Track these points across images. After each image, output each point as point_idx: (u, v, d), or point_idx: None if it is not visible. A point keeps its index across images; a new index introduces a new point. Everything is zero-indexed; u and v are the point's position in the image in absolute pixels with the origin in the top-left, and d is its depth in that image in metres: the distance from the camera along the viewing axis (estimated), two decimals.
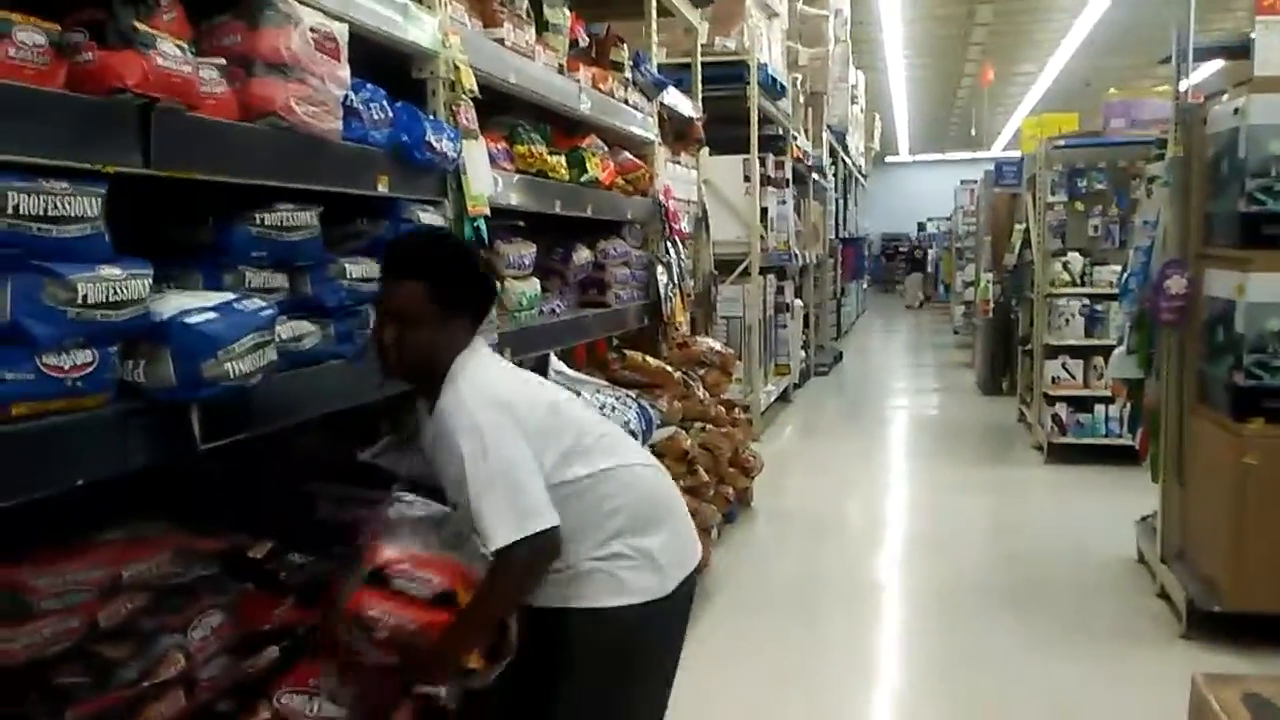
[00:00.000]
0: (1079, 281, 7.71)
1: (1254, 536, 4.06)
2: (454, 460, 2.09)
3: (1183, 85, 4.71)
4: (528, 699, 2.27)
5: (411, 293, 2.13)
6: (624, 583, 2.18)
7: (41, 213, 1.44)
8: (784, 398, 10.09)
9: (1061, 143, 8.07)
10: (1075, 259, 7.77)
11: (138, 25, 1.63)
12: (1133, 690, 3.88)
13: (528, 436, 2.13)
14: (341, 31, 2.18)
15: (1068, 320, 7.64)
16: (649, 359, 4.84)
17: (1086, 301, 7.62)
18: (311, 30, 2.07)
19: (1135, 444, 5.32)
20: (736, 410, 6.01)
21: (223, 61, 1.89)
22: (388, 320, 2.15)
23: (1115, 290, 6.44)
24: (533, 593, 2.16)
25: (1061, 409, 7.56)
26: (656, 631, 2.26)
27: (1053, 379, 7.67)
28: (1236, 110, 4.17)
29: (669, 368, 4.94)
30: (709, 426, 5.34)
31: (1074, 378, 7.62)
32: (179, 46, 1.70)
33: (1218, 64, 5.88)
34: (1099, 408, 7.42)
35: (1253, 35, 4.49)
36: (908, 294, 25.88)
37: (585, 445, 2.23)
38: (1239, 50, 4.91)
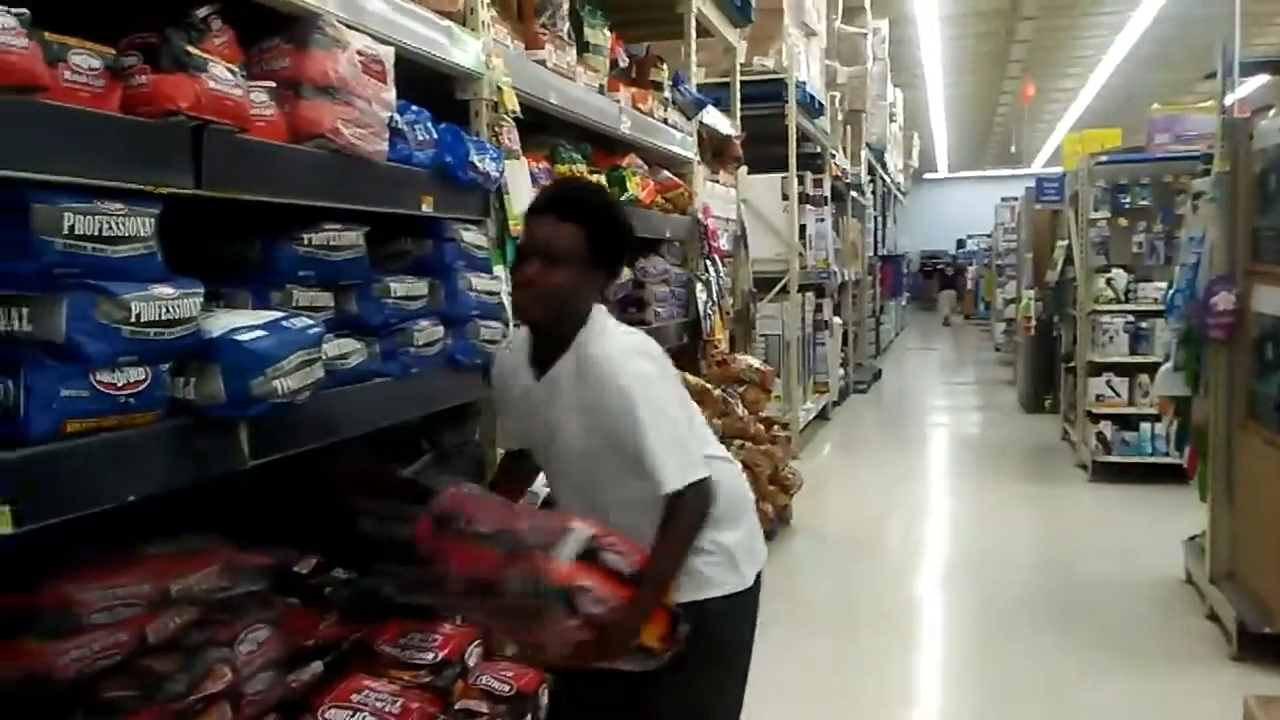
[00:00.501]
0: (1123, 298, 7.62)
1: None
2: (606, 405, 2.10)
3: (1228, 100, 4.66)
4: (619, 695, 2.26)
5: (570, 235, 2.12)
6: (708, 578, 2.21)
7: (97, 233, 1.47)
8: (823, 415, 10.04)
9: (1104, 158, 7.99)
10: (1119, 275, 7.68)
11: (190, 49, 1.66)
12: (1182, 712, 3.82)
13: None
14: (388, 55, 2.21)
15: (1112, 337, 7.55)
16: (688, 376, 4.84)
17: (1131, 318, 7.53)
18: (359, 54, 2.10)
19: (1183, 462, 5.24)
20: (775, 428, 5.99)
21: (272, 84, 1.92)
22: (535, 257, 2.12)
23: (1160, 307, 6.36)
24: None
25: (1106, 427, 7.46)
26: (737, 624, 2.30)
27: (1097, 397, 7.56)
28: None
29: (708, 385, 4.94)
30: (748, 444, 5.33)
31: (1119, 395, 7.52)
32: (230, 70, 1.73)
33: (1260, 80, 5.82)
34: (1145, 426, 7.32)
35: None
36: (940, 311, 26.28)
37: (690, 427, 2.25)
38: None
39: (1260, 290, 4.32)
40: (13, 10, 1.35)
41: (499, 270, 2.75)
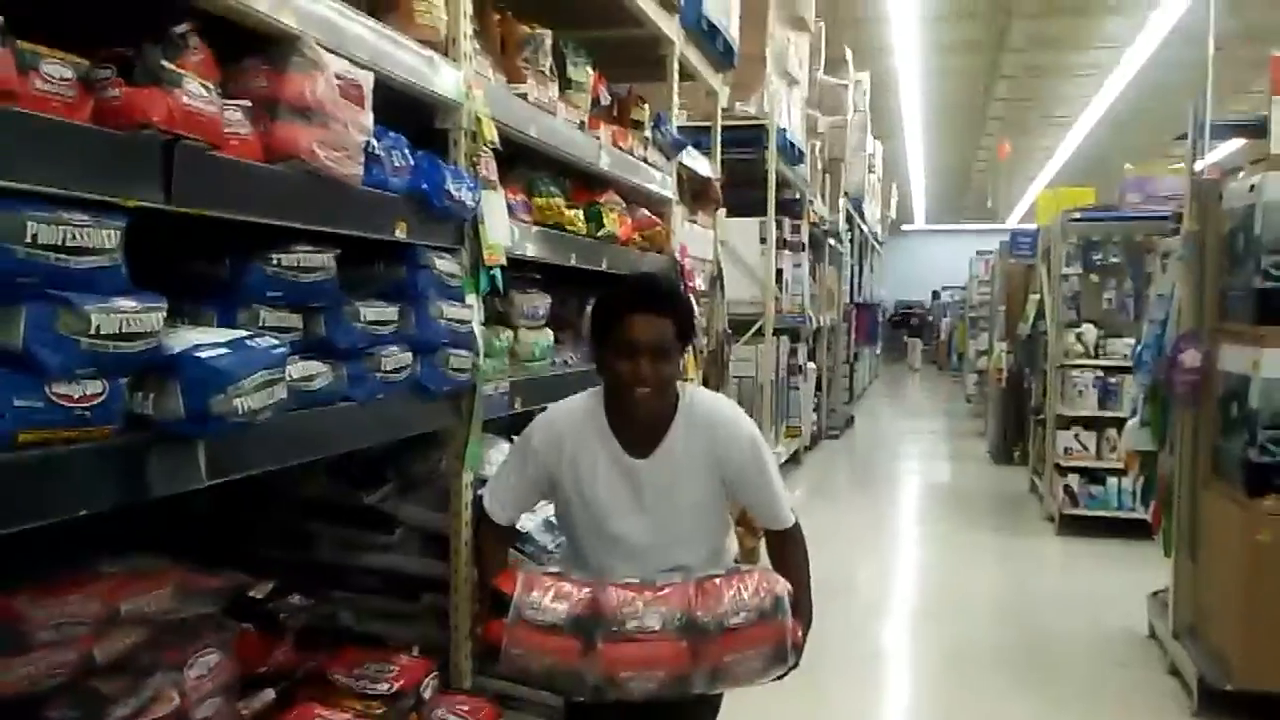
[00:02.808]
0: (1093, 353, 7.70)
1: (1266, 614, 4.00)
2: (737, 457, 2.45)
3: (1198, 163, 4.74)
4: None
5: (667, 327, 2.38)
6: None
7: (60, 243, 1.45)
8: (794, 460, 10.04)
9: (1078, 215, 8.10)
10: (1089, 330, 7.77)
11: (165, 64, 1.65)
12: None
13: None
14: (366, 80, 2.21)
15: (1081, 392, 7.62)
16: None
17: (1100, 373, 7.61)
18: (337, 77, 2.09)
19: (1148, 517, 5.27)
20: None
21: (248, 103, 1.92)
22: (646, 355, 2.34)
23: (1129, 362, 6.43)
24: None
25: (1074, 480, 7.51)
26: None
27: (1065, 450, 7.62)
28: (1252, 187, 4.19)
29: None
30: None
31: (1087, 449, 7.58)
32: (205, 86, 1.72)
33: (1234, 145, 5.91)
34: (1112, 480, 7.37)
35: (1267, 114, 4.52)
36: (909, 358, 27.68)
37: None
38: (1255, 129, 4.95)
39: (1226, 349, 4.37)
40: None
41: (471, 299, 2.74)
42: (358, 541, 2.97)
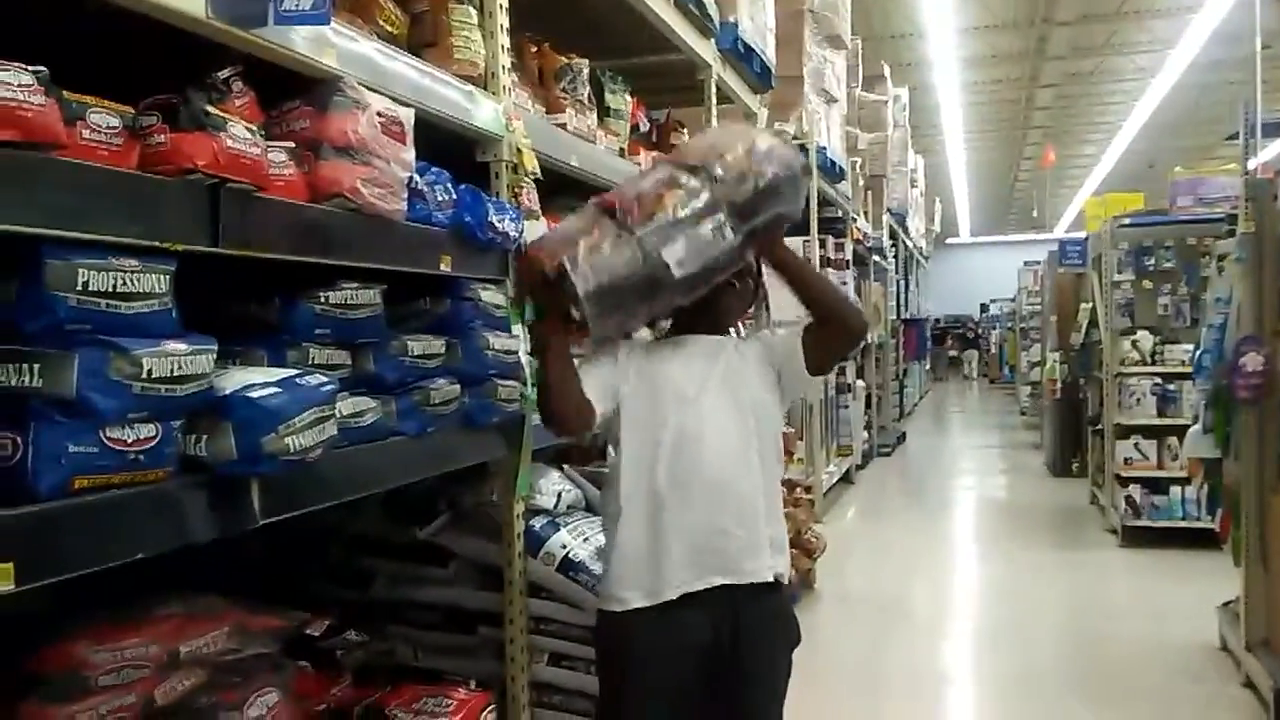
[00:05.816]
0: (1149, 360, 7.56)
1: None
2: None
3: (1251, 162, 4.65)
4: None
5: None
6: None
7: (110, 289, 1.47)
8: (846, 479, 9.94)
9: (1128, 221, 7.98)
10: (1145, 337, 7.63)
11: (209, 109, 1.67)
12: None
13: None
14: (408, 116, 2.23)
15: (1139, 400, 7.47)
16: None
17: (1158, 380, 7.46)
18: (379, 115, 2.11)
19: (1215, 526, 5.14)
20: (798, 490, 5.93)
21: (292, 145, 1.94)
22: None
23: (1188, 369, 6.30)
24: None
25: (1135, 490, 7.34)
26: (600, 644, 2.50)
27: (1125, 460, 7.47)
28: None
29: None
30: None
31: (1147, 458, 7.42)
32: (249, 129, 1.74)
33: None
34: (1175, 489, 7.20)
35: None
36: (967, 368, 28.26)
37: None
38: None
39: None
40: (31, 69, 1.36)
41: (517, 329, 2.74)
42: (413, 576, 2.97)
